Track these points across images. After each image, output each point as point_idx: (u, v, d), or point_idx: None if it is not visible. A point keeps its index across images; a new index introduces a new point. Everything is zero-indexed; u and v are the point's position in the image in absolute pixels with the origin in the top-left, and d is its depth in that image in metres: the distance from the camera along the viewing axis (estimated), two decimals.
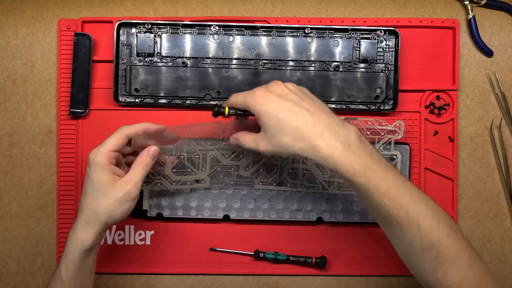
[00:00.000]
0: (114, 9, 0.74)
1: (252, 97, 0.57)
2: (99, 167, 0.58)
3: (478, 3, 0.73)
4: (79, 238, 0.58)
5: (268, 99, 0.56)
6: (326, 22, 0.73)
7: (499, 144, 0.74)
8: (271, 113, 0.55)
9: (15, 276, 0.74)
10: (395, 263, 0.73)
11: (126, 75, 0.71)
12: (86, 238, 0.58)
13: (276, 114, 0.55)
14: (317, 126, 0.55)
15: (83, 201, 0.59)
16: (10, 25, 0.74)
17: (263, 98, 0.56)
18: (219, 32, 0.71)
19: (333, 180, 0.70)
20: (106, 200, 0.58)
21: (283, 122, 0.55)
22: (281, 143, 0.55)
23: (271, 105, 0.56)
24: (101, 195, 0.58)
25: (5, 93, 0.73)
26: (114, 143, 0.59)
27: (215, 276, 0.73)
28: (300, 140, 0.55)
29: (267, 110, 0.56)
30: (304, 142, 0.54)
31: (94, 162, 0.58)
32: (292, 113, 0.55)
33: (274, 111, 0.55)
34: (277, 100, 0.56)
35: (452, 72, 0.73)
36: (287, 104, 0.56)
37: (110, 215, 0.58)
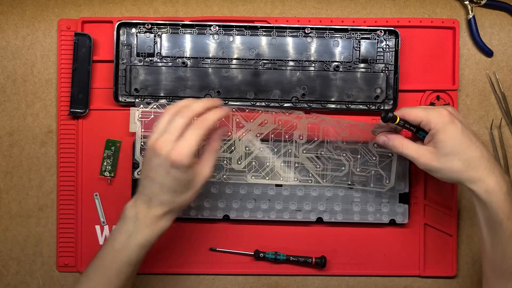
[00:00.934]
0: (114, 9, 0.74)
1: (437, 113, 0.59)
2: (186, 168, 0.57)
3: (478, 3, 0.73)
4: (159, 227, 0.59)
5: (453, 121, 0.58)
6: (326, 22, 0.73)
7: (499, 144, 0.74)
8: (453, 134, 0.58)
9: (15, 276, 0.74)
10: (395, 263, 0.73)
11: (126, 75, 0.71)
12: (166, 226, 0.60)
13: (459, 137, 0.58)
14: (491, 161, 0.58)
15: (166, 196, 0.58)
16: (10, 25, 0.74)
17: (449, 118, 0.58)
18: (219, 32, 0.71)
19: (325, 173, 0.70)
20: (190, 192, 0.59)
21: (463, 147, 0.58)
22: (451, 165, 0.58)
23: (456, 127, 0.58)
24: (186, 188, 0.59)
25: (5, 93, 0.73)
26: (198, 143, 0.57)
27: (215, 276, 0.73)
28: (473, 169, 0.57)
29: (450, 129, 0.58)
30: (476, 172, 0.57)
31: (182, 163, 0.56)
32: (472, 142, 0.58)
33: (457, 134, 0.58)
34: (460, 125, 0.58)
35: (452, 72, 0.73)
36: (469, 132, 0.59)
37: (191, 201, 0.60)
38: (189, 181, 0.58)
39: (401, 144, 0.61)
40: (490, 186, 0.57)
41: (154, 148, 0.57)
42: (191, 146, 0.56)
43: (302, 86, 0.72)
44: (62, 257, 0.73)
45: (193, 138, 0.57)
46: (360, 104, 0.72)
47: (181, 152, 0.56)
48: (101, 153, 0.72)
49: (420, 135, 0.61)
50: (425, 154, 0.59)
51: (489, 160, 0.58)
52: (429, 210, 0.73)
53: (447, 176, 0.59)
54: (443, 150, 0.58)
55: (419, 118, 0.59)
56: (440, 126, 0.58)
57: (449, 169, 0.58)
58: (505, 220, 0.56)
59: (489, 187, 0.57)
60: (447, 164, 0.58)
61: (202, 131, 0.57)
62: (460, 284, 0.73)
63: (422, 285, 0.73)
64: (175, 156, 0.56)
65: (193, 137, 0.57)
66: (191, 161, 0.56)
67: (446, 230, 0.72)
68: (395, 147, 0.62)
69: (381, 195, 0.71)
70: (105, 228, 0.73)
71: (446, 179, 0.59)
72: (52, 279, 0.74)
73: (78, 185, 0.72)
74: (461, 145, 0.57)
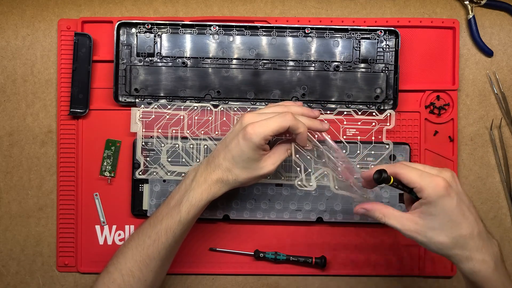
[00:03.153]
0: (114, 9, 0.74)
1: (433, 183, 0.54)
2: (254, 146, 0.58)
3: (478, 3, 0.73)
4: (211, 191, 0.61)
5: (448, 194, 0.54)
6: (326, 22, 0.73)
7: (499, 144, 0.74)
8: (445, 210, 0.54)
9: (15, 276, 0.74)
10: (395, 263, 0.73)
11: (126, 75, 0.71)
12: (217, 193, 0.61)
13: (450, 214, 0.54)
14: (479, 237, 0.55)
15: (226, 162, 0.60)
16: (10, 25, 0.74)
17: (444, 190, 0.54)
18: (219, 32, 0.71)
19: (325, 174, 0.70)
20: (248, 173, 0.60)
21: (453, 224, 0.54)
22: (437, 240, 0.54)
23: (449, 202, 0.54)
24: (246, 166, 0.60)
25: (5, 93, 0.73)
26: (276, 130, 0.58)
27: (215, 276, 0.73)
28: (460, 247, 0.54)
29: (444, 204, 0.54)
30: (463, 251, 0.54)
31: (251, 140, 0.58)
32: (464, 219, 0.54)
33: (450, 209, 0.54)
34: (456, 199, 0.54)
35: (452, 72, 0.73)
36: (462, 207, 0.54)
37: (244, 184, 0.61)
38: (252, 161, 0.59)
39: (382, 215, 0.57)
40: (476, 267, 0.54)
41: (242, 118, 0.60)
42: (267, 128, 0.58)
43: (302, 86, 0.72)
44: (62, 257, 0.73)
45: (272, 122, 0.58)
46: (360, 104, 0.72)
47: (256, 129, 0.58)
48: (101, 153, 0.72)
49: (413, 194, 0.56)
50: (410, 225, 0.55)
51: (479, 236, 0.55)
52: None
53: (432, 250, 0.56)
54: (431, 224, 0.54)
55: (413, 184, 0.55)
56: (432, 199, 0.54)
57: (435, 244, 0.54)
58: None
59: (475, 267, 0.54)
60: (433, 239, 0.54)
61: (285, 121, 0.58)
62: (459, 284, 0.73)
63: (421, 285, 0.73)
64: (250, 129, 0.58)
65: (273, 121, 0.58)
66: (260, 142, 0.58)
67: None
68: (377, 218, 0.58)
69: (381, 194, 0.71)
70: (105, 228, 0.73)
71: (431, 250, 0.56)
72: (52, 279, 0.74)
73: (78, 185, 0.72)
74: (451, 222, 0.54)
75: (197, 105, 0.71)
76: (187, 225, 0.61)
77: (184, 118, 0.71)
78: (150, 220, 0.62)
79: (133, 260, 0.61)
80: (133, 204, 0.72)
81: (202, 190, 0.60)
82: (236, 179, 0.60)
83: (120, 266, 0.61)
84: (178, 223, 0.60)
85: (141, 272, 0.60)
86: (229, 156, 0.60)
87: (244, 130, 0.58)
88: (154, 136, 0.70)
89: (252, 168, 0.60)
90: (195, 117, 0.71)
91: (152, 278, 0.61)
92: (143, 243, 0.61)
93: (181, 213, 0.60)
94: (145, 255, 0.60)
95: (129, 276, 0.60)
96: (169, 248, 0.61)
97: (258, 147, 0.58)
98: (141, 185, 0.71)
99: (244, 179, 0.60)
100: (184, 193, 0.61)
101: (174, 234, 0.60)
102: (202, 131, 0.71)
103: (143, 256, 0.60)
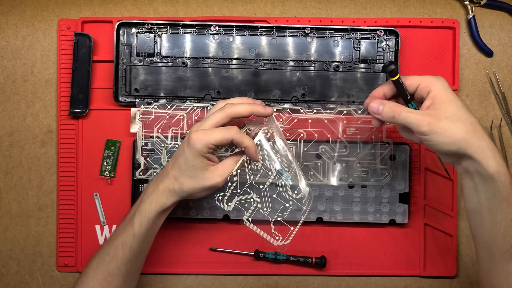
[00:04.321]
0: (114, 9, 0.74)
1: (436, 77, 0.56)
2: (197, 153, 0.58)
3: (478, 3, 0.73)
4: (159, 201, 0.60)
5: (449, 87, 0.55)
6: (326, 22, 0.73)
7: (499, 144, 0.74)
8: (454, 98, 0.55)
9: (15, 276, 0.74)
10: (395, 263, 0.73)
11: (126, 75, 0.71)
12: (165, 203, 0.60)
13: (458, 101, 0.54)
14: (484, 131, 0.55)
15: (173, 171, 0.60)
16: (10, 25, 0.74)
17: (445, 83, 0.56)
18: (219, 32, 0.71)
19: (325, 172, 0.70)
20: (193, 182, 0.60)
21: (464, 111, 0.54)
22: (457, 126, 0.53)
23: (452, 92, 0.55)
24: (191, 175, 0.59)
25: (5, 93, 0.73)
26: (219, 141, 0.58)
27: (215, 276, 0.73)
28: (479, 133, 0.53)
29: (451, 94, 0.55)
30: (483, 137, 0.53)
31: (194, 146, 0.58)
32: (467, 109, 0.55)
33: (456, 97, 0.55)
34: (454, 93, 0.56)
35: (452, 72, 0.73)
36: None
37: (192, 194, 0.60)
38: (197, 170, 0.59)
39: (399, 110, 0.55)
40: (498, 155, 0.53)
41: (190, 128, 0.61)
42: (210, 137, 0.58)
43: (302, 86, 0.72)
44: (62, 257, 0.73)
45: (217, 132, 0.58)
46: (360, 104, 0.72)
47: (199, 135, 0.58)
48: (101, 153, 0.72)
49: (412, 106, 0.57)
50: (424, 118, 0.54)
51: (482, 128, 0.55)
52: (429, 210, 0.73)
53: (451, 140, 0.53)
54: (448, 110, 0.54)
55: (418, 81, 0.56)
56: (441, 88, 0.55)
57: (453, 131, 0.53)
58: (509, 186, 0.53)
59: (497, 155, 0.53)
60: (451, 125, 0.53)
61: (228, 133, 0.58)
62: (460, 284, 0.73)
63: (422, 285, 0.73)
64: (193, 136, 0.58)
65: (218, 131, 0.58)
66: (202, 149, 0.58)
67: (446, 230, 0.72)
68: (392, 112, 0.55)
69: (381, 194, 0.71)
70: (105, 228, 0.73)
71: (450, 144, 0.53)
72: (52, 279, 0.74)
73: (78, 185, 0.72)
74: (463, 109, 0.54)
75: (197, 105, 0.71)
76: (142, 239, 0.61)
77: (184, 118, 0.71)
78: (110, 237, 0.63)
79: (95, 279, 0.61)
80: (133, 204, 0.72)
81: (150, 201, 0.60)
82: (181, 188, 0.60)
83: (83, 287, 0.61)
84: (132, 237, 0.60)
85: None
86: (175, 164, 0.60)
87: (188, 137, 0.59)
88: (154, 136, 0.70)
89: (197, 177, 0.59)
90: (195, 117, 0.71)
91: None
92: (103, 261, 0.61)
93: (134, 226, 0.60)
94: (106, 272, 0.60)
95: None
96: (129, 264, 0.61)
97: (201, 155, 0.58)
98: (141, 185, 0.71)
99: (190, 189, 0.60)
100: (138, 206, 0.61)
101: (131, 248, 0.60)
102: None
103: (104, 274, 0.60)
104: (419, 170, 0.72)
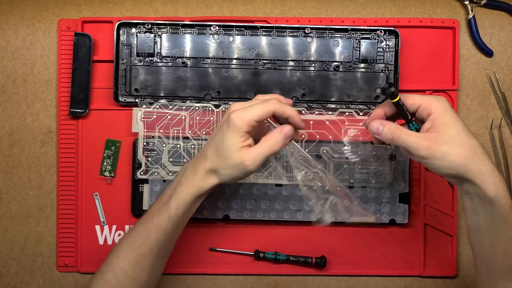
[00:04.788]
0: (114, 9, 0.74)
1: (436, 98, 0.55)
2: (235, 131, 0.57)
3: (478, 3, 0.73)
4: (197, 185, 0.59)
5: (450, 108, 0.55)
6: (326, 22, 0.73)
7: (499, 144, 0.74)
8: (455, 120, 0.54)
9: (15, 276, 0.74)
10: (395, 263, 0.73)
11: (126, 75, 0.71)
12: (203, 187, 0.59)
13: (459, 123, 0.54)
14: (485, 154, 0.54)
15: (211, 152, 0.59)
16: (10, 25, 0.74)
17: (449, 104, 0.55)
18: (219, 32, 0.71)
19: None
20: (228, 162, 0.58)
21: (465, 134, 0.53)
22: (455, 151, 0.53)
23: (455, 114, 0.55)
24: (225, 155, 0.57)
25: (5, 93, 0.73)
26: (260, 115, 0.57)
27: (215, 276, 0.73)
28: (479, 157, 0.53)
29: (452, 115, 0.54)
30: (483, 161, 0.53)
31: (234, 124, 0.57)
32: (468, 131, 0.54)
33: (458, 120, 0.54)
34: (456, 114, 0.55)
35: (452, 72, 0.73)
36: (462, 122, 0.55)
37: (226, 178, 0.59)
38: (232, 149, 0.57)
39: (398, 133, 0.54)
40: (497, 178, 0.53)
41: (229, 108, 0.59)
42: (250, 113, 0.56)
43: (302, 86, 0.72)
44: (62, 257, 0.73)
45: (256, 107, 0.57)
46: (360, 104, 0.72)
47: (240, 113, 0.57)
48: (101, 153, 0.72)
49: (413, 126, 0.57)
50: (424, 142, 0.53)
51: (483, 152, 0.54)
52: (429, 210, 0.73)
53: (448, 164, 0.53)
54: (447, 134, 0.53)
55: (418, 102, 0.55)
56: (442, 110, 0.54)
57: (452, 156, 0.52)
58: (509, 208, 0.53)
59: (496, 179, 0.53)
60: (450, 150, 0.52)
61: (269, 105, 0.57)
62: (460, 284, 0.73)
63: (422, 285, 0.73)
64: (233, 115, 0.56)
65: (258, 106, 0.57)
66: (242, 127, 0.56)
67: (446, 230, 0.72)
68: (392, 133, 0.55)
69: (381, 194, 0.71)
70: (105, 228, 0.73)
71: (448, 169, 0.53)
72: (52, 279, 0.74)
73: (78, 185, 0.72)
74: (463, 132, 0.53)
75: (199, 106, 0.71)
76: (177, 222, 0.60)
77: (185, 118, 0.71)
78: (142, 218, 0.62)
79: (125, 259, 0.60)
80: (133, 204, 0.72)
81: (188, 184, 0.59)
82: (218, 171, 0.58)
83: (113, 266, 0.60)
84: (167, 220, 0.59)
85: (134, 271, 0.60)
86: (213, 145, 0.59)
87: (228, 117, 0.57)
88: (155, 136, 0.70)
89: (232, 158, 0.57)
90: (196, 117, 0.71)
91: (146, 277, 0.61)
92: (134, 242, 0.60)
93: (170, 209, 0.59)
94: (137, 253, 0.60)
95: (122, 276, 0.60)
96: (161, 246, 0.60)
97: (240, 134, 0.56)
98: (141, 185, 0.71)
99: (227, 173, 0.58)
100: (174, 189, 0.60)
101: (165, 231, 0.60)
102: (204, 132, 0.71)
103: (135, 255, 0.60)
104: (419, 170, 0.73)
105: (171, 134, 0.70)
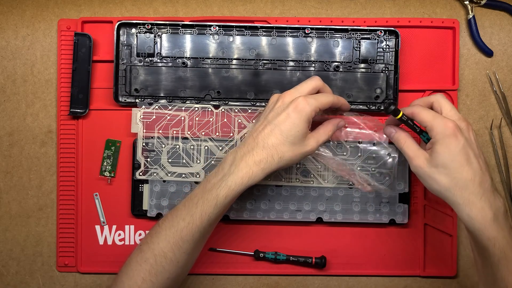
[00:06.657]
0: (114, 9, 0.74)
1: (443, 124, 0.57)
2: (306, 117, 0.59)
3: (478, 3, 0.73)
4: (252, 175, 0.59)
5: (456, 137, 0.56)
6: (326, 22, 0.73)
7: (499, 144, 0.74)
8: (450, 149, 0.56)
9: (15, 276, 0.74)
10: (395, 263, 0.73)
11: (126, 75, 0.71)
12: (257, 175, 0.59)
13: (455, 154, 0.56)
14: (481, 186, 0.56)
15: (272, 139, 0.59)
16: (10, 25, 0.74)
17: (452, 131, 0.57)
18: (219, 32, 0.71)
19: (326, 173, 0.70)
20: (295, 149, 0.60)
21: (455, 165, 0.56)
22: (438, 177, 0.57)
23: (456, 143, 0.56)
24: (294, 142, 0.59)
25: (5, 93, 0.73)
26: (326, 103, 0.61)
27: (215, 276, 0.74)
28: (459, 189, 0.56)
29: (450, 144, 0.56)
30: (462, 194, 0.56)
31: (304, 110, 0.59)
32: (467, 164, 0.56)
33: (455, 150, 0.56)
34: (463, 142, 0.57)
35: (452, 72, 0.73)
36: (469, 152, 0.57)
37: (288, 163, 0.60)
38: (300, 136, 0.59)
39: (404, 141, 0.61)
40: (472, 212, 0.55)
41: (280, 97, 0.62)
42: (318, 101, 0.60)
43: None
44: (62, 257, 0.73)
45: (324, 96, 0.61)
46: (360, 104, 0.72)
47: (309, 100, 0.59)
48: (101, 153, 0.72)
49: (424, 137, 0.61)
50: (420, 157, 0.58)
51: (481, 184, 0.56)
52: (429, 210, 0.73)
53: (432, 188, 0.58)
54: (435, 161, 0.57)
55: (424, 122, 0.58)
56: (440, 137, 0.57)
57: (435, 181, 0.57)
58: (491, 246, 0.55)
59: (471, 213, 0.55)
60: (435, 175, 0.57)
61: (331, 97, 0.62)
62: (460, 284, 0.74)
63: (422, 285, 0.73)
64: (302, 101, 0.59)
65: (325, 96, 0.62)
66: (311, 114, 0.59)
67: (446, 230, 0.73)
68: (398, 141, 0.61)
69: (381, 194, 0.71)
70: (105, 228, 0.73)
71: (431, 190, 0.58)
72: (52, 279, 0.74)
73: (78, 185, 0.72)
74: (454, 163, 0.56)
75: (198, 106, 0.71)
76: (223, 209, 0.60)
77: (185, 119, 0.71)
78: (185, 202, 0.61)
79: (166, 241, 0.60)
80: (133, 204, 0.72)
81: (243, 174, 0.59)
82: (282, 156, 0.59)
83: (153, 246, 0.60)
84: (214, 207, 0.59)
85: (173, 254, 0.60)
86: (276, 132, 0.59)
87: (295, 103, 0.59)
88: (154, 136, 0.70)
89: (298, 144, 0.60)
90: (196, 118, 0.71)
91: (184, 260, 0.61)
92: (177, 225, 0.60)
93: (219, 198, 0.59)
94: (179, 237, 0.60)
95: (161, 257, 0.60)
96: (203, 231, 0.60)
97: (307, 120, 0.59)
98: (141, 185, 0.71)
99: (290, 156, 0.60)
100: (222, 177, 0.60)
101: (209, 218, 0.60)
102: (203, 132, 0.71)
103: (176, 238, 0.60)
104: None
105: (170, 135, 0.70)
